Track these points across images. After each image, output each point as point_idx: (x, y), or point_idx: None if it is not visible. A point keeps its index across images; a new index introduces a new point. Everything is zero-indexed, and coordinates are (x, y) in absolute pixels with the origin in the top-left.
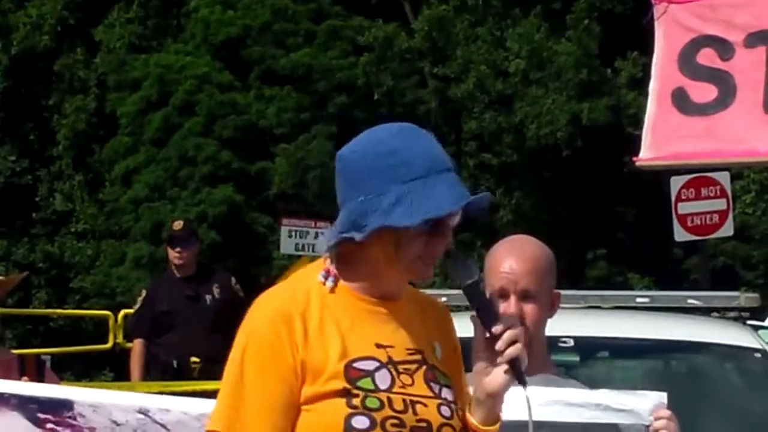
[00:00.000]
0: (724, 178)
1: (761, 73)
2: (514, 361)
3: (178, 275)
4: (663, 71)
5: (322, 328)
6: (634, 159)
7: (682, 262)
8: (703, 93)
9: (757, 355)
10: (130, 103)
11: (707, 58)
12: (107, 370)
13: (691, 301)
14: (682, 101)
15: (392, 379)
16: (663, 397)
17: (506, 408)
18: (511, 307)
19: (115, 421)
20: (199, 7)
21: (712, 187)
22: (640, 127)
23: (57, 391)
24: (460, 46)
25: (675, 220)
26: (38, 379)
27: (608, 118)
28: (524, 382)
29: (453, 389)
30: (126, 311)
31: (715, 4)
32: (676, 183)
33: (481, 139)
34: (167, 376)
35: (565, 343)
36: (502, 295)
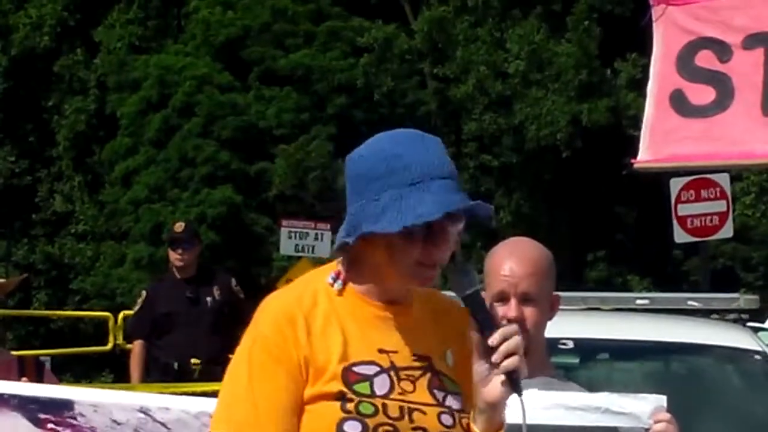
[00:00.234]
0: (724, 180)
1: (759, 75)
2: (510, 373)
3: (179, 276)
4: (661, 73)
5: (325, 330)
6: (633, 161)
7: (681, 263)
8: (702, 95)
9: (757, 357)
10: (130, 103)
11: (705, 60)
12: (107, 371)
13: (690, 303)
14: (680, 103)
15: (391, 385)
16: (662, 400)
17: (507, 412)
18: (511, 310)
19: (115, 421)
20: (199, 8)
21: (711, 189)
22: (640, 129)
23: (57, 392)
24: (460, 47)
25: (675, 222)
26: (37, 381)
27: (608, 120)
28: (521, 393)
29: (461, 397)
30: (126, 312)
31: (714, 6)
32: (676, 184)
33: (481, 140)
34: (168, 377)
35: (565, 345)
36: (502, 298)
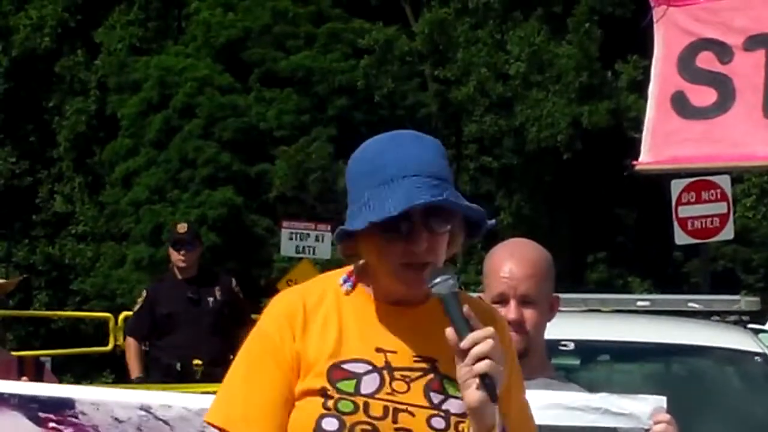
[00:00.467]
0: (725, 182)
1: (761, 77)
2: (483, 377)
3: (180, 277)
4: (662, 75)
5: (323, 327)
6: (634, 163)
7: (682, 265)
8: (703, 96)
9: (758, 358)
10: (130, 105)
11: (706, 62)
12: (107, 371)
13: (691, 305)
14: (681, 105)
15: (380, 385)
16: (662, 401)
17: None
18: (510, 311)
19: (117, 419)
20: (200, 10)
21: (712, 191)
22: (641, 131)
23: (58, 390)
24: (461, 49)
25: (675, 224)
26: (37, 381)
27: (608, 122)
28: (495, 398)
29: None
30: (126, 313)
31: (714, 7)
32: (677, 186)
33: (482, 142)
34: (170, 378)
35: (566, 346)
36: (501, 300)
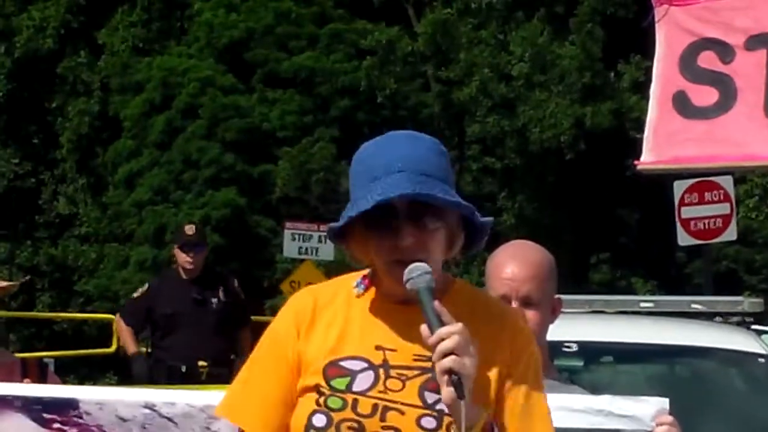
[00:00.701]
0: (728, 183)
1: (762, 77)
2: (450, 373)
3: (185, 277)
4: (664, 74)
5: (329, 326)
6: (636, 163)
7: (685, 266)
8: (704, 96)
9: (761, 360)
10: (133, 106)
11: (708, 61)
12: (111, 373)
13: (695, 306)
14: (683, 105)
15: (374, 382)
16: (665, 402)
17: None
18: None
19: (121, 417)
20: (203, 11)
21: (715, 192)
22: (643, 131)
23: (61, 391)
24: (463, 50)
25: (678, 224)
26: (41, 383)
27: (611, 122)
28: (461, 394)
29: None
30: None
31: (715, 7)
32: (680, 187)
33: (484, 142)
34: (174, 380)
35: (569, 348)
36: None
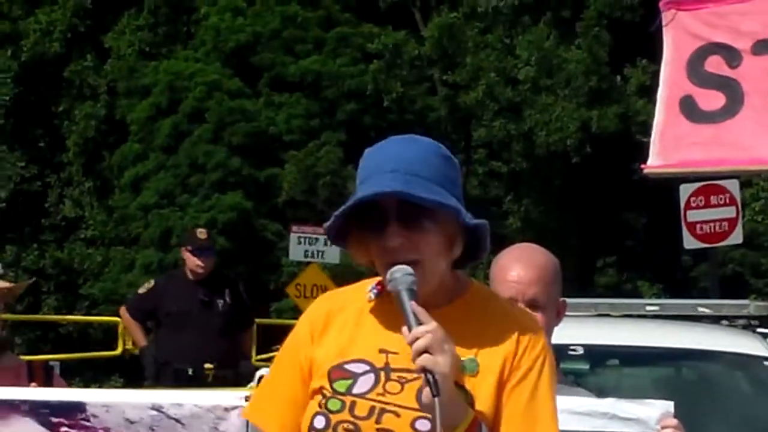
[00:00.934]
0: (734, 186)
1: None
2: (425, 372)
3: (192, 278)
4: (671, 79)
5: (339, 330)
6: (643, 166)
7: (691, 269)
8: (711, 100)
9: (766, 363)
10: (139, 109)
11: (715, 66)
12: (117, 376)
13: (701, 310)
14: (690, 109)
15: (374, 385)
16: (670, 405)
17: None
18: None
19: (128, 420)
20: (209, 15)
21: (721, 195)
22: (650, 135)
23: (68, 394)
24: (470, 54)
25: (684, 228)
26: (47, 386)
27: (617, 126)
28: (436, 392)
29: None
30: None
31: (722, 12)
32: (686, 190)
33: (491, 146)
34: (181, 383)
35: (575, 351)
36: None
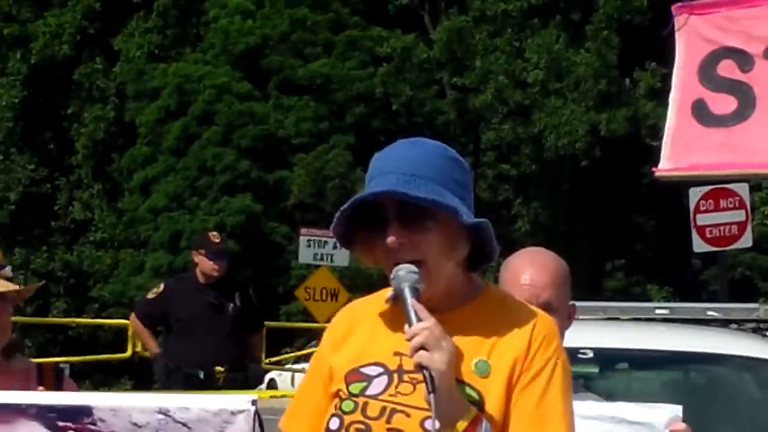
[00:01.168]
0: (743, 190)
1: None
2: (422, 369)
3: (203, 281)
4: (683, 82)
5: (358, 336)
6: (654, 169)
7: (700, 273)
8: (723, 104)
9: None
10: (148, 112)
11: (727, 70)
12: (126, 378)
13: (710, 313)
14: (701, 112)
15: (386, 386)
16: (678, 410)
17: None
18: None
19: (135, 423)
20: (218, 17)
21: (730, 199)
22: (659, 138)
23: (75, 398)
24: (479, 57)
25: (693, 231)
26: (57, 389)
27: (627, 129)
28: (432, 389)
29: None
30: None
31: (735, 16)
32: (695, 194)
33: (500, 149)
34: (192, 387)
35: (585, 354)
36: None
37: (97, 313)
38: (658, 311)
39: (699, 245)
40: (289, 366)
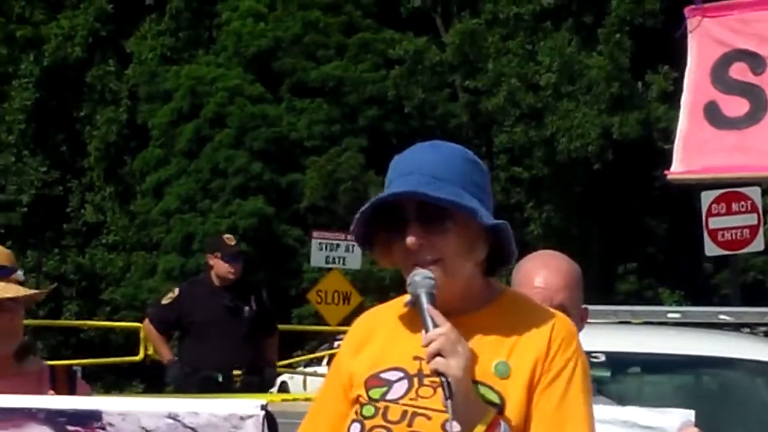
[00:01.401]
0: (755, 193)
1: None
2: (439, 375)
3: (218, 284)
4: (695, 85)
5: (376, 342)
6: (666, 172)
7: (712, 276)
8: (735, 107)
9: None
10: (161, 114)
11: (739, 72)
12: (138, 381)
13: (722, 317)
14: (714, 115)
15: (407, 391)
16: (690, 414)
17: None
18: None
19: (144, 428)
20: (231, 20)
21: (743, 202)
22: (671, 141)
23: (84, 403)
24: (491, 60)
25: (705, 235)
26: (69, 390)
27: (639, 132)
28: (448, 396)
29: (493, 407)
30: None
31: (747, 19)
32: (707, 198)
33: (512, 152)
34: (210, 390)
35: (597, 358)
36: None
37: (109, 315)
38: (670, 315)
39: (711, 249)
40: (300, 369)
